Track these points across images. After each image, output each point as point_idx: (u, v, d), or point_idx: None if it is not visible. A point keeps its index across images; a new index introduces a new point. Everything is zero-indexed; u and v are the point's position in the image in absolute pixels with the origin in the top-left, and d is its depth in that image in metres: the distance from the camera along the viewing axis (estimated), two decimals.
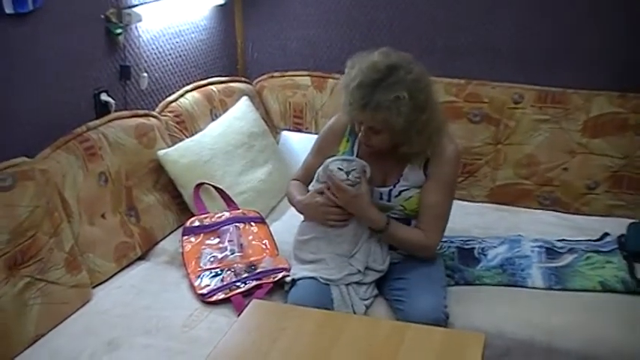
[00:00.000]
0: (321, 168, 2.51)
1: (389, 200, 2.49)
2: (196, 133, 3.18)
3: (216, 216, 2.86)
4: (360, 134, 2.44)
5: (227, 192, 2.99)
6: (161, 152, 2.93)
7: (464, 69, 3.47)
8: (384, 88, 2.28)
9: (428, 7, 3.49)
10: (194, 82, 3.44)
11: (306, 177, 2.64)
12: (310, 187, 2.59)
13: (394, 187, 2.49)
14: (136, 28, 3.03)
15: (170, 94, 3.27)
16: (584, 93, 3.26)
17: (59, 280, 2.36)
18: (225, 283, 2.54)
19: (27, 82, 2.52)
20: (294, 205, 2.64)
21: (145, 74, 3.11)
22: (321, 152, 2.60)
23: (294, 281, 2.46)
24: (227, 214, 2.88)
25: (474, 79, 3.41)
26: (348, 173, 2.41)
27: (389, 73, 2.30)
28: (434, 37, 3.50)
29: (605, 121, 3.22)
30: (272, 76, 3.76)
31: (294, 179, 2.73)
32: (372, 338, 2.01)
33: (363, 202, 2.42)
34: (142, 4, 3.01)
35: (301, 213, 2.61)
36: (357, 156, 2.53)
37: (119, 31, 2.89)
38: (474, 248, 2.81)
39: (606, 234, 2.91)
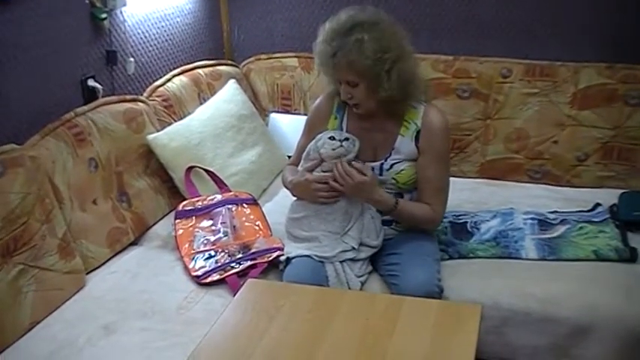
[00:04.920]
0: (310, 144, 2.51)
1: (381, 174, 2.49)
2: (185, 117, 3.17)
3: (208, 199, 2.86)
4: (341, 95, 2.48)
5: (218, 174, 2.99)
6: (150, 137, 2.92)
7: (451, 45, 3.46)
8: (345, 35, 2.36)
9: None
10: (181, 66, 3.42)
11: (300, 160, 2.64)
12: (299, 168, 2.59)
13: (385, 160, 2.49)
14: (121, 12, 3.00)
15: (157, 79, 3.25)
16: (572, 65, 3.26)
17: (53, 266, 2.35)
18: (219, 264, 2.53)
19: (13, 70, 2.49)
20: (287, 188, 2.64)
21: (132, 59, 3.09)
22: (311, 133, 2.60)
23: (288, 260, 2.45)
24: (219, 197, 2.87)
25: (461, 55, 3.41)
26: (341, 141, 2.42)
27: (350, 23, 2.38)
28: (420, 15, 3.49)
29: (594, 92, 3.22)
30: (259, 59, 3.75)
31: (289, 164, 2.74)
32: (369, 312, 2.02)
33: (370, 185, 2.42)
34: None
35: (293, 193, 2.61)
36: (346, 131, 2.54)
37: (104, 15, 2.86)
38: (466, 222, 2.81)
39: (598, 204, 2.92)
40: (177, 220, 2.76)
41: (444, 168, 2.52)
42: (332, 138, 2.44)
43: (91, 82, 2.86)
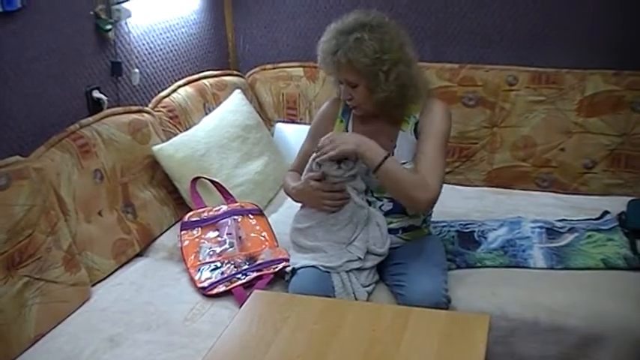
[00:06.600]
0: (311, 158, 2.48)
1: None
2: (190, 127, 3.16)
3: (214, 209, 2.85)
4: (341, 96, 2.51)
5: (224, 185, 2.97)
6: (156, 147, 2.91)
7: (457, 53, 3.46)
8: (347, 34, 2.38)
9: None
10: (186, 76, 3.42)
11: (302, 165, 2.62)
12: (303, 175, 2.56)
13: None
14: (126, 24, 3.00)
15: (162, 90, 3.25)
16: (578, 72, 3.24)
17: (58, 278, 2.34)
18: (225, 275, 2.52)
19: (18, 81, 2.49)
20: (289, 194, 2.63)
21: (137, 70, 3.09)
22: (315, 138, 2.58)
23: (294, 270, 2.44)
24: (225, 208, 2.86)
25: (467, 63, 3.40)
26: (339, 162, 2.37)
27: (353, 23, 2.41)
28: (426, 23, 3.49)
29: (601, 99, 3.21)
30: (264, 69, 3.75)
31: (291, 170, 2.73)
32: (376, 323, 2.00)
33: (359, 135, 2.40)
34: None
35: (295, 200, 2.59)
36: None
37: (109, 27, 2.86)
38: (473, 232, 2.80)
39: (606, 212, 2.90)
40: (183, 231, 2.75)
41: (440, 149, 2.42)
42: (335, 164, 2.38)
43: (96, 94, 2.86)
